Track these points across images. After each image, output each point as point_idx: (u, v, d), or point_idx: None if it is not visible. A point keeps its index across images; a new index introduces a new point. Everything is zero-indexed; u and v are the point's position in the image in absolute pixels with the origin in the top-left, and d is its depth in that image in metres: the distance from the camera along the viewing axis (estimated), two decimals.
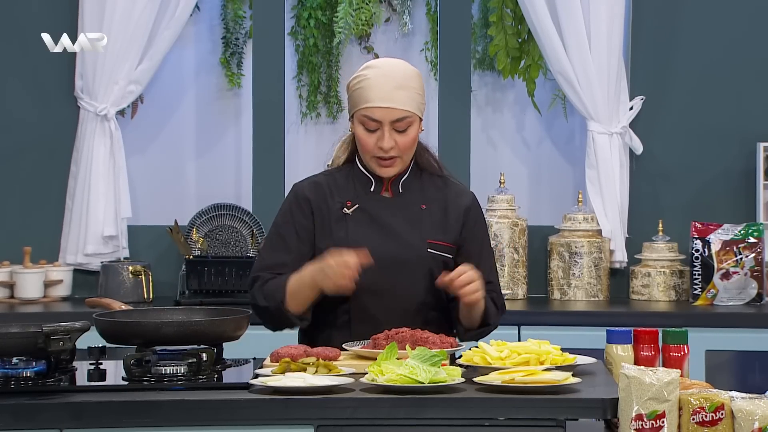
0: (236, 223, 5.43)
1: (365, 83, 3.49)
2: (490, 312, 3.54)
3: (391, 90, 3.47)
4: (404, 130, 3.49)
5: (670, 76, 5.53)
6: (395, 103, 3.46)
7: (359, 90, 3.50)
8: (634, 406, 2.84)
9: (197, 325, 3.18)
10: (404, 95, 3.47)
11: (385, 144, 3.47)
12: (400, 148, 3.50)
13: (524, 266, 5.36)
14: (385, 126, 3.47)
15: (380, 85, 3.48)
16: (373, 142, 3.49)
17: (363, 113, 3.48)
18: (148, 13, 5.35)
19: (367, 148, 3.51)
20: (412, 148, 3.54)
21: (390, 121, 3.46)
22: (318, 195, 3.58)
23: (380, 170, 3.54)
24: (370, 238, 3.51)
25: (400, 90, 3.47)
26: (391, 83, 3.48)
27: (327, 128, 5.67)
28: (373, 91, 3.47)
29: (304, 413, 2.89)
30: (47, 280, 5.30)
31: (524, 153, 5.72)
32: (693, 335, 3.35)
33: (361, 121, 3.50)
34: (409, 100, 3.48)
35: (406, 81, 3.50)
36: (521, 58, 5.54)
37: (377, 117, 3.47)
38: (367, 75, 3.51)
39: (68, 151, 5.43)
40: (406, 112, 3.47)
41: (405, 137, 3.50)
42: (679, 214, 5.47)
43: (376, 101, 3.47)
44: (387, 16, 5.68)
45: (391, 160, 3.51)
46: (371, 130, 3.49)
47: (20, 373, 3.02)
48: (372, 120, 3.48)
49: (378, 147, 3.49)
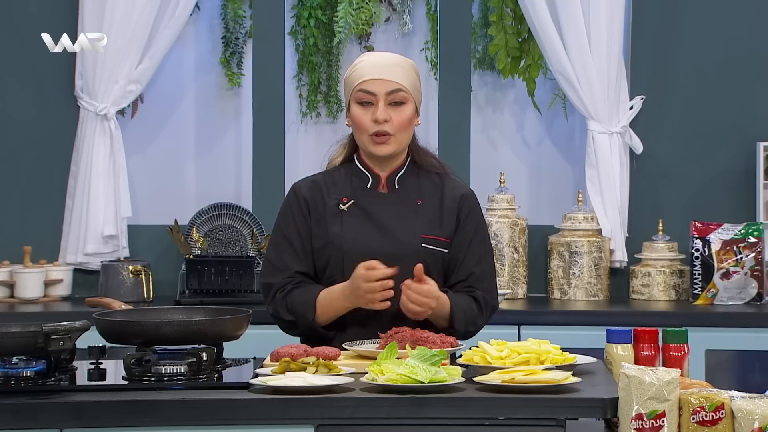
0: (236, 223, 5.43)
1: (360, 64, 3.59)
2: (456, 317, 3.50)
3: (386, 66, 3.56)
4: (399, 105, 3.53)
5: (670, 76, 5.53)
6: (390, 76, 3.54)
7: (355, 72, 3.59)
8: (634, 405, 2.84)
9: (197, 325, 3.18)
10: (400, 71, 3.56)
11: (379, 115, 3.51)
12: (394, 124, 3.53)
13: (524, 266, 5.36)
14: (380, 99, 3.52)
15: (375, 62, 3.58)
16: (369, 117, 3.53)
17: (359, 88, 3.55)
18: (148, 13, 5.35)
19: (363, 124, 3.54)
20: (407, 129, 3.57)
21: (385, 93, 3.52)
22: (315, 193, 3.61)
23: (375, 148, 3.55)
24: (364, 234, 3.54)
25: (395, 67, 3.56)
26: (386, 61, 3.58)
27: (327, 128, 5.67)
28: (369, 68, 3.56)
29: (304, 413, 2.89)
30: (47, 280, 5.30)
31: (524, 153, 5.72)
32: (693, 335, 3.35)
33: (357, 98, 3.55)
34: (405, 77, 3.56)
35: (402, 62, 3.60)
36: (521, 58, 5.54)
37: (372, 89, 3.53)
38: (362, 59, 3.61)
39: (68, 151, 5.43)
40: (401, 86, 3.53)
41: (399, 114, 3.53)
42: (679, 213, 5.47)
43: (372, 75, 3.54)
44: (387, 16, 5.68)
45: (385, 136, 3.53)
46: (366, 103, 3.54)
47: (20, 373, 3.02)
48: (367, 92, 3.53)
49: (373, 121, 3.52)
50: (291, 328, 3.59)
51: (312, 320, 3.51)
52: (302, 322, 3.52)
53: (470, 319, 3.53)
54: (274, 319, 3.59)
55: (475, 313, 3.54)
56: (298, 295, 3.53)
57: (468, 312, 3.53)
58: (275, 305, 3.56)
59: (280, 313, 3.55)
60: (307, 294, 3.52)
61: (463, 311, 3.51)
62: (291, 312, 3.53)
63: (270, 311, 3.58)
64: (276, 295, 3.55)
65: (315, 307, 3.51)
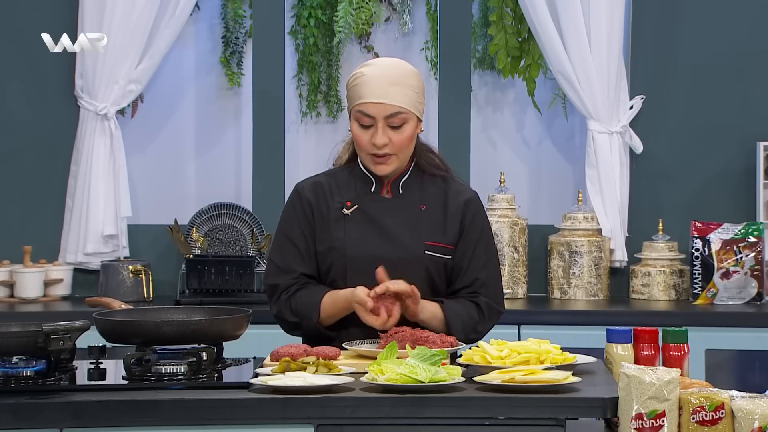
0: (236, 223, 5.43)
1: (361, 80, 3.50)
2: (453, 327, 3.48)
3: (385, 86, 3.48)
4: (398, 127, 3.48)
5: (670, 76, 5.53)
6: (388, 99, 3.47)
7: (355, 87, 3.51)
8: (634, 405, 2.84)
9: (197, 325, 3.18)
10: (399, 92, 3.48)
11: (378, 140, 3.47)
12: (394, 145, 3.49)
13: (524, 265, 5.36)
14: (379, 122, 3.47)
15: (375, 81, 3.49)
16: (368, 138, 3.49)
17: (357, 109, 3.49)
18: (148, 13, 5.35)
19: (362, 144, 3.51)
20: (408, 146, 3.53)
21: (383, 117, 3.46)
22: (318, 195, 3.58)
23: (375, 168, 3.53)
24: (367, 239, 3.52)
25: (394, 86, 3.48)
26: (386, 80, 3.49)
27: (327, 127, 5.67)
28: (368, 87, 3.48)
29: (304, 412, 2.88)
30: (47, 280, 5.30)
31: (524, 152, 5.72)
32: (693, 334, 3.35)
33: (356, 118, 3.51)
34: (404, 96, 3.48)
35: (402, 78, 3.50)
36: (521, 58, 5.54)
37: (370, 112, 3.47)
38: (364, 72, 3.52)
39: (68, 151, 5.43)
40: (400, 108, 3.47)
41: (399, 135, 3.49)
42: (679, 213, 5.47)
43: (370, 97, 3.47)
44: (387, 16, 5.68)
45: (385, 157, 3.50)
46: (365, 126, 3.49)
47: (20, 373, 3.02)
48: (366, 116, 3.48)
49: (372, 143, 3.49)
50: (294, 330, 3.58)
51: (316, 322, 3.51)
52: (306, 324, 3.52)
53: (470, 327, 3.51)
54: (278, 320, 3.58)
55: (475, 320, 3.52)
56: (302, 296, 3.53)
57: (467, 320, 3.50)
58: (279, 306, 3.55)
59: (284, 315, 3.54)
60: (312, 296, 3.51)
61: (461, 320, 3.49)
62: (295, 314, 3.52)
63: (274, 312, 3.57)
64: (281, 296, 3.55)
65: (320, 309, 3.50)
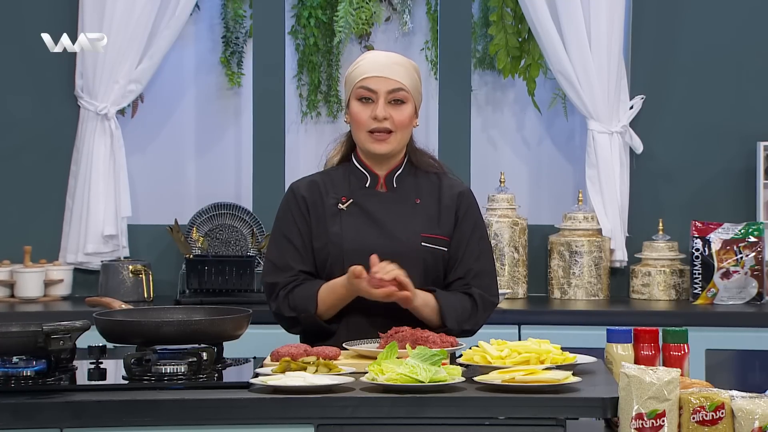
0: (236, 222, 5.43)
1: (362, 61, 3.60)
2: (447, 316, 3.49)
3: (388, 64, 3.57)
4: (399, 103, 3.53)
5: (670, 75, 5.53)
6: (392, 75, 3.54)
7: (357, 69, 3.59)
8: (635, 405, 2.84)
9: (197, 325, 3.18)
10: (402, 70, 3.56)
11: (379, 112, 3.52)
12: (394, 122, 3.53)
13: (524, 265, 5.36)
14: (381, 96, 3.53)
15: (378, 60, 3.59)
16: (368, 114, 3.54)
17: (360, 85, 3.55)
18: (148, 13, 5.35)
19: (361, 121, 3.54)
20: (407, 128, 3.57)
21: (386, 91, 3.53)
22: (313, 193, 3.61)
23: (373, 145, 3.55)
24: (364, 233, 3.54)
25: (397, 66, 3.57)
26: (388, 59, 3.59)
27: (327, 127, 5.67)
28: (371, 65, 3.57)
29: (304, 412, 2.89)
30: (47, 279, 5.30)
31: (524, 152, 5.72)
32: (693, 334, 3.35)
33: (357, 95, 3.56)
34: (406, 76, 3.56)
35: (404, 62, 3.60)
36: (521, 58, 5.54)
37: (373, 86, 3.53)
38: (365, 56, 3.62)
39: (68, 151, 5.43)
40: (401, 85, 3.54)
41: (400, 113, 3.53)
42: (679, 213, 5.48)
43: (373, 72, 3.55)
44: (387, 15, 5.68)
45: (385, 133, 3.53)
46: (366, 99, 3.54)
47: (20, 372, 3.02)
48: (368, 90, 3.53)
49: (372, 118, 3.52)
50: (293, 326, 3.59)
51: (314, 314, 3.51)
52: (304, 317, 3.52)
53: (463, 317, 3.52)
54: (277, 318, 3.59)
55: (468, 311, 3.54)
56: (299, 291, 3.54)
57: (460, 310, 3.52)
58: (278, 303, 3.56)
59: (282, 311, 3.55)
60: (309, 289, 3.53)
61: (454, 309, 3.51)
62: (293, 308, 3.53)
63: (272, 309, 3.58)
64: (279, 293, 3.56)
65: (317, 300, 3.51)
